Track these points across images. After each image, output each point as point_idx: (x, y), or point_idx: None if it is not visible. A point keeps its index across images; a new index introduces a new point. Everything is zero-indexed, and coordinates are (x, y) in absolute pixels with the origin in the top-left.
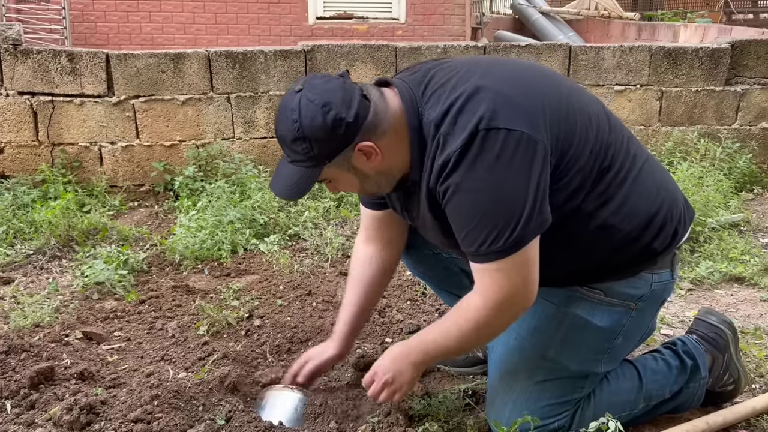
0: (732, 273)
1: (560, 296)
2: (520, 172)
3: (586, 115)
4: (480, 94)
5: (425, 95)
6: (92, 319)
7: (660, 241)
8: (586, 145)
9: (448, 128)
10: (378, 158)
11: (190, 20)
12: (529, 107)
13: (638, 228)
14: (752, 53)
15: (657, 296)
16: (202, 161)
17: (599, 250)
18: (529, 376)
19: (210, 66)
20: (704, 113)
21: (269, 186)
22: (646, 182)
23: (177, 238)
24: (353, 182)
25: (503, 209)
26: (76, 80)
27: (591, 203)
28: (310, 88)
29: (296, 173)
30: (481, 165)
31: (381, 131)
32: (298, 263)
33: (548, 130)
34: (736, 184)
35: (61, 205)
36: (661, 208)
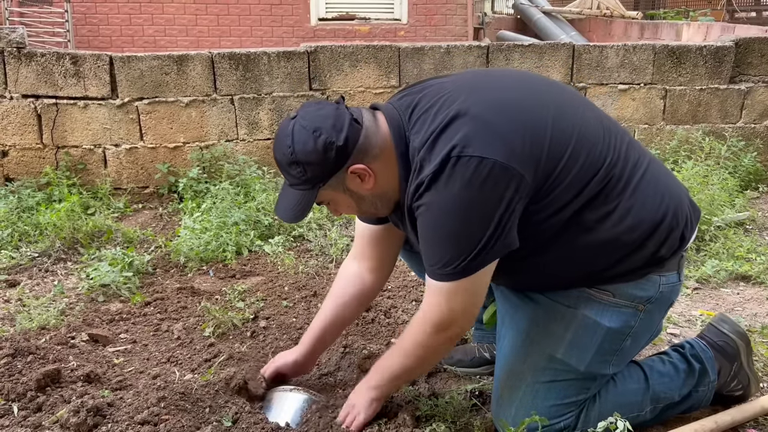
0: (738, 271)
1: (569, 297)
2: (486, 202)
3: (574, 130)
4: (458, 121)
5: (411, 120)
6: (98, 321)
7: (667, 248)
8: (574, 163)
9: (424, 154)
10: (371, 180)
11: (193, 22)
12: (507, 133)
13: (642, 237)
14: (756, 51)
15: (665, 298)
16: (206, 163)
17: (603, 260)
18: (536, 376)
19: (213, 68)
20: (708, 111)
21: (274, 210)
22: (648, 190)
23: (182, 239)
24: (350, 204)
25: (460, 236)
26: (80, 83)
27: (590, 215)
28: (303, 114)
29: (295, 196)
30: (448, 190)
31: (373, 155)
32: (302, 264)
33: (527, 156)
34: (741, 182)
35: (66, 207)
36: (666, 215)
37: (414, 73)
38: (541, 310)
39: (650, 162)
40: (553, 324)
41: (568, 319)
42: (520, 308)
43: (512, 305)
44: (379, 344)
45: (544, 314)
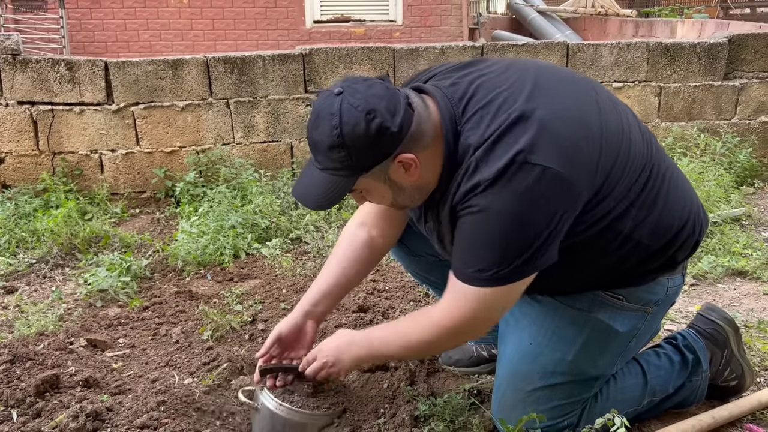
0: (734, 267)
1: (583, 302)
2: (541, 214)
3: (622, 141)
4: (522, 124)
5: (466, 113)
6: (96, 326)
7: (682, 252)
8: (620, 174)
9: (482, 155)
10: (417, 171)
11: (188, 27)
12: (570, 143)
13: (666, 244)
14: (750, 47)
15: (669, 300)
16: (203, 167)
17: (625, 264)
18: (544, 379)
19: (209, 72)
20: (703, 108)
21: (292, 193)
22: (674, 197)
23: (179, 243)
24: (386, 195)
25: (508, 244)
26: (76, 89)
27: (625, 223)
28: (351, 92)
29: (327, 182)
30: (507, 196)
31: (423, 144)
32: (300, 266)
33: (585, 170)
34: (737, 178)
35: (63, 213)
36: (688, 221)
37: (409, 73)
38: (550, 314)
39: (673, 168)
40: (564, 328)
41: (581, 324)
42: (527, 312)
43: (518, 308)
44: None
45: (554, 318)
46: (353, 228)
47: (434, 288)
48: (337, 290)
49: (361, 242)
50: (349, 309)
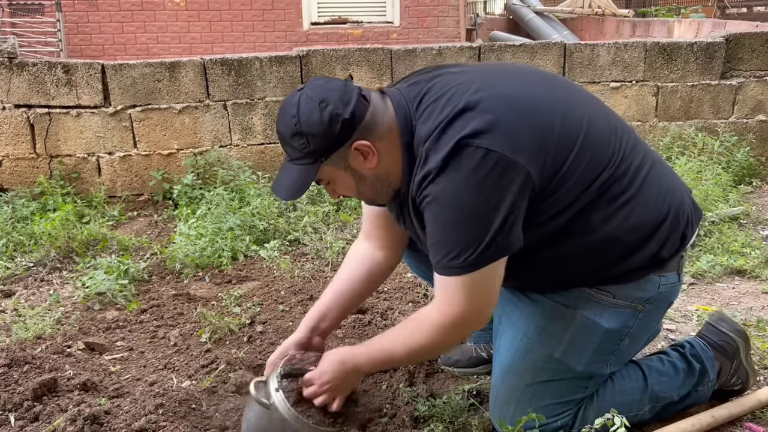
0: (733, 266)
1: (569, 298)
2: (492, 193)
3: (581, 130)
4: (467, 114)
5: (419, 110)
6: (94, 329)
7: (667, 249)
8: (579, 163)
9: (431, 144)
10: (374, 159)
11: (185, 29)
12: (515, 130)
13: (643, 238)
14: (747, 46)
15: (664, 298)
16: (200, 169)
17: (604, 261)
18: (534, 375)
19: (206, 74)
20: (701, 107)
21: (272, 189)
22: (651, 191)
23: (177, 246)
24: (350, 184)
25: (468, 227)
26: (72, 92)
27: (593, 216)
28: (311, 87)
29: (295, 172)
30: (456, 180)
31: (378, 133)
32: (298, 268)
33: (534, 154)
34: (735, 177)
35: (61, 216)
36: (668, 216)
37: (406, 74)
38: (539, 310)
39: (654, 161)
40: (552, 324)
41: (568, 320)
42: (519, 307)
43: (511, 304)
44: None
45: (542, 314)
46: (358, 242)
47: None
48: (344, 304)
49: (363, 255)
50: None
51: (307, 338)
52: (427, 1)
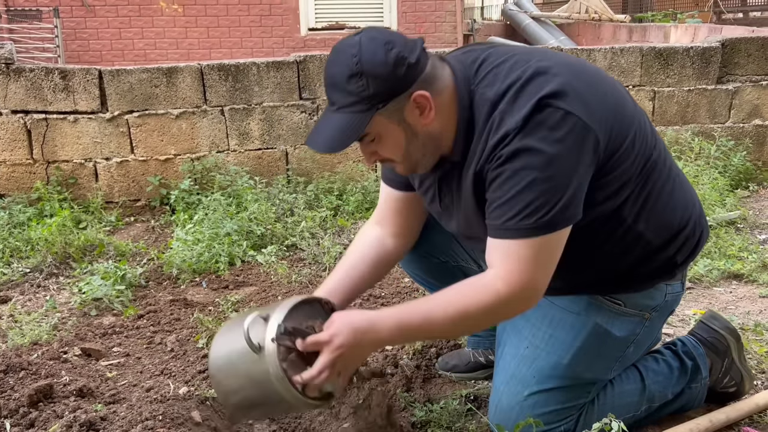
0: (730, 270)
1: (581, 305)
2: (571, 155)
3: (634, 120)
4: (542, 76)
5: (479, 74)
6: (90, 335)
7: (682, 254)
8: (632, 150)
9: (506, 107)
10: (431, 115)
11: (183, 35)
12: (587, 96)
13: (667, 240)
14: (743, 51)
15: (668, 306)
16: (198, 174)
17: (628, 259)
18: (540, 383)
19: (203, 79)
20: (697, 112)
21: (306, 142)
22: (678, 195)
23: (174, 251)
24: (399, 141)
25: (545, 186)
26: (70, 97)
27: (631, 210)
28: (371, 30)
29: (342, 120)
30: (536, 138)
31: (437, 88)
32: (296, 273)
33: (602, 124)
34: (732, 181)
35: (57, 222)
36: (689, 222)
37: None
38: (548, 318)
39: (679, 171)
40: (561, 331)
41: (578, 328)
42: (524, 316)
43: None
44: (375, 353)
45: (551, 322)
46: (369, 226)
47: (428, 286)
48: (350, 287)
49: (374, 241)
50: None
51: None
52: (425, 6)
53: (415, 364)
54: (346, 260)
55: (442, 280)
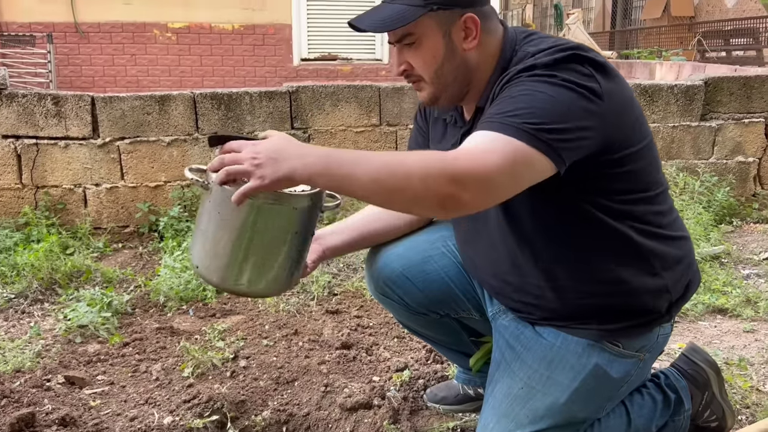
0: (715, 304)
1: (581, 345)
2: (583, 104)
3: (650, 133)
4: (581, 50)
5: (526, 39)
6: (75, 363)
7: (676, 291)
8: (648, 153)
9: (543, 55)
10: (474, 43)
11: (176, 63)
12: (620, 81)
13: (667, 266)
14: (725, 90)
15: (659, 347)
16: (188, 201)
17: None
18: (534, 423)
19: (195, 107)
20: (682, 148)
21: (350, 21)
22: (678, 226)
23: (161, 279)
24: (438, 53)
25: (546, 105)
26: (61, 123)
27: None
28: None
29: (395, 9)
30: (560, 70)
31: (488, 26)
32: (284, 302)
33: (624, 108)
34: (716, 216)
35: (44, 247)
36: (684, 258)
37: (395, 111)
38: (546, 361)
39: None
40: (560, 373)
41: (578, 369)
42: (521, 357)
43: (511, 352)
44: (361, 383)
45: (549, 364)
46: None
47: (429, 341)
48: (360, 227)
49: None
50: (333, 345)
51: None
52: None
53: (402, 395)
54: (364, 211)
55: (435, 331)
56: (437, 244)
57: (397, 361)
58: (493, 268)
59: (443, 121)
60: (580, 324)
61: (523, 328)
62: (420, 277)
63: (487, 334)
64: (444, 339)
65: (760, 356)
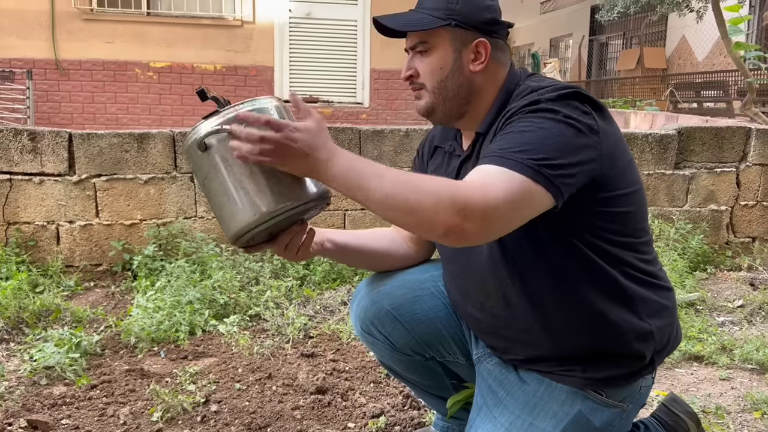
0: (691, 352)
1: (565, 392)
2: (582, 139)
3: (639, 184)
4: (586, 92)
5: (530, 77)
6: (39, 405)
7: (659, 338)
8: (634, 200)
9: (545, 91)
10: (481, 67)
11: (156, 101)
12: (614, 125)
13: (651, 313)
14: (698, 139)
15: (642, 399)
16: (163, 240)
17: (617, 328)
18: None
19: (174, 146)
20: (657, 195)
21: (375, 17)
22: (663, 277)
23: (133, 319)
24: (446, 64)
25: (548, 142)
26: (37, 159)
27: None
28: None
29: (416, 15)
30: (562, 106)
31: (497, 57)
32: (258, 345)
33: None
34: (690, 263)
35: (13, 285)
36: (668, 307)
37: (375, 154)
38: (529, 406)
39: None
40: (543, 420)
41: (561, 416)
42: (503, 403)
43: (493, 397)
44: (336, 429)
45: (532, 410)
46: (387, 229)
47: (409, 384)
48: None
49: (392, 237)
50: (307, 390)
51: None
52: (396, 84)
53: None
54: (365, 231)
55: (418, 375)
56: (427, 284)
57: (374, 406)
58: (483, 301)
59: (442, 151)
60: (566, 370)
61: (507, 372)
62: (408, 317)
63: (470, 381)
64: (426, 383)
65: (736, 404)
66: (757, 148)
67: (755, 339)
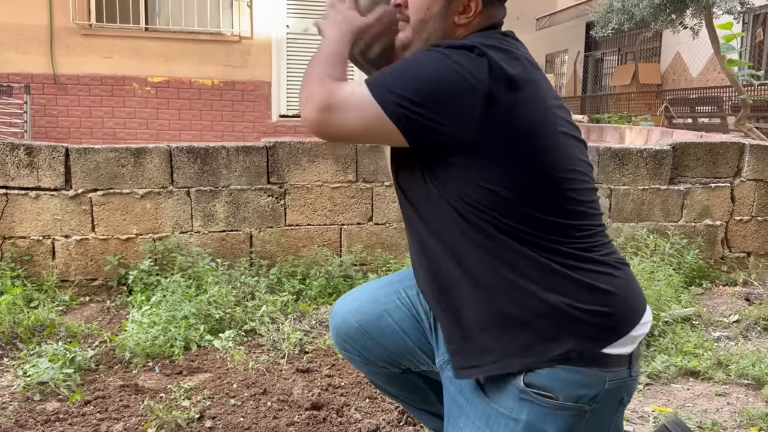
0: (687, 367)
1: (512, 403)
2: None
3: (585, 167)
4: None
5: (488, 33)
6: (31, 422)
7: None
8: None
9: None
10: (464, 21)
11: (154, 116)
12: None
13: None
14: (692, 155)
15: (614, 395)
16: (159, 255)
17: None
18: None
19: (171, 160)
20: (652, 210)
21: None
22: (607, 263)
23: (128, 334)
24: (433, 5)
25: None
26: (33, 173)
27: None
28: None
29: None
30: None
31: (486, 17)
32: (253, 360)
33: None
34: (686, 278)
35: (7, 300)
36: (612, 295)
37: (371, 168)
38: (485, 416)
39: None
40: (497, 430)
41: (511, 426)
42: (465, 410)
43: (456, 407)
44: None
45: (487, 420)
46: None
47: (396, 399)
48: None
49: None
50: (302, 406)
51: None
52: None
53: None
54: None
55: (395, 387)
56: (392, 297)
57: (369, 422)
58: (417, 261)
59: None
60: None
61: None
62: (376, 332)
63: None
64: (409, 396)
65: (732, 420)
66: (751, 163)
67: (751, 354)
